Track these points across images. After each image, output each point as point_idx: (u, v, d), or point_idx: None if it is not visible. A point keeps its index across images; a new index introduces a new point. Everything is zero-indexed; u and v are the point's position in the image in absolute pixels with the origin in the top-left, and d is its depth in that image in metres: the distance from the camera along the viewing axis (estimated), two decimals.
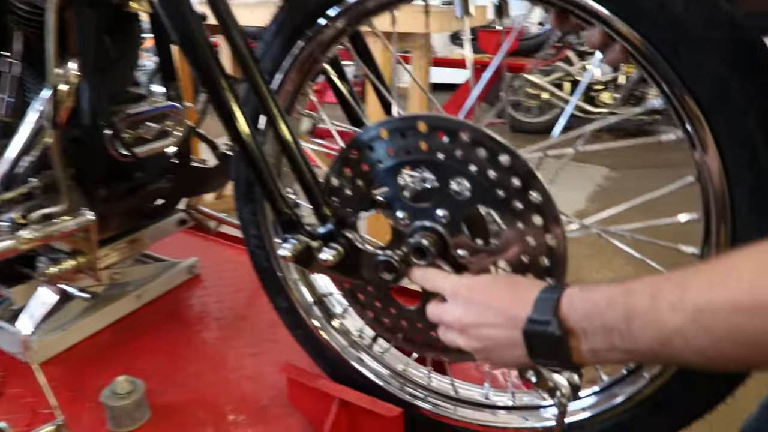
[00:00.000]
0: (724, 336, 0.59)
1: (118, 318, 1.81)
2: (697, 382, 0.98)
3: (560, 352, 0.75)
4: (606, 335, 0.70)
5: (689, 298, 0.62)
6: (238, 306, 1.92)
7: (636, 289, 0.68)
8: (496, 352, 0.84)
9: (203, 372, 1.60)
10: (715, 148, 0.83)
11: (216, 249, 2.29)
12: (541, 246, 0.94)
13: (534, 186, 0.92)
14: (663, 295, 0.64)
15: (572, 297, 0.74)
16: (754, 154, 0.81)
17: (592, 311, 0.71)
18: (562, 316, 0.74)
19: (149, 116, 1.46)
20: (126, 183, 1.53)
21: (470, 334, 0.85)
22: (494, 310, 0.82)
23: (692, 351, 0.63)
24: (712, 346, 0.61)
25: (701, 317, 0.60)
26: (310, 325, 1.37)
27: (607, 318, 0.69)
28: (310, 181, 1.03)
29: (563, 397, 0.94)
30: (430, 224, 1.01)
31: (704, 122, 0.83)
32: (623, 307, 0.68)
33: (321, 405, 1.32)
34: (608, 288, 0.71)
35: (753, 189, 0.83)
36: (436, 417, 1.28)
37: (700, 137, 0.85)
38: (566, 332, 0.73)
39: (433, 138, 0.96)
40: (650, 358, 0.72)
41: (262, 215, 1.30)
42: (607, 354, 0.72)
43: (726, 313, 0.58)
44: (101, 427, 1.40)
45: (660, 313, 0.64)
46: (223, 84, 1.01)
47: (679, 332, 0.62)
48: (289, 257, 1.05)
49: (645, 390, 1.03)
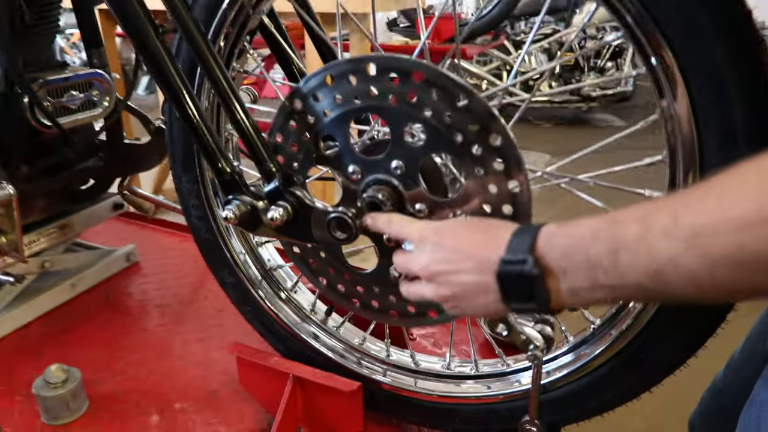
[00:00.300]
0: (723, 260, 0.53)
1: (51, 308, 1.70)
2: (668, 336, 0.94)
3: (537, 293, 0.68)
4: (588, 272, 0.64)
5: (684, 222, 0.55)
6: (182, 292, 1.82)
7: (623, 218, 0.62)
8: (466, 299, 0.77)
9: (146, 360, 1.50)
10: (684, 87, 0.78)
11: (156, 236, 2.18)
12: (504, 193, 0.88)
13: (494, 128, 0.85)
14: (655, 222, 0.58)
15: (550, 234, 0.68)
16: (721, 92, 0.76)
17: (573, 246, 0.65)
18: (538, 254, 0.68)
19: (72, 84, 1.34)
20: (50, 159, 1.41)
21: (438, 281, 0.78)
22: (464, 254, 0.75)
23: (685, 281, 0.57)
24: (708, 273, 0.55)
25: (698, 241, 0.54)
26: (258, 301, 1.29)
27: (591, 252, 0.63)
28: (252, 135, 0.94)
29: (537, 349, 0.90)
30: (384, 177, 0.94)
31: (673, 58, 0.78)
32: (609, 238, 0.61)
33: (274, 385, 1.24)
34: (590, 220, 0.65)
35: (721, 129, 0.79)
36: (396, 390, 1.22)
37: (668, 76, 0.80)
38: (543, 271, 0.67)
39: (384, 82, 0.89)
40: (635, 294, 0.65)
41: (203, 183, 1.20)
42: (588, 293, 0.66)
43: (727, 234, 0.52)
44: (35, 420, 1.30)
45: (652, 241, 0.58)
46: (152, 33, 0.92)
47: (673, 261, 0.56)
48: (232, 219, 0.96)
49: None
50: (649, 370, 0.98)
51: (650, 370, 0.98)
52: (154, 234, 2.20)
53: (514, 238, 0.71)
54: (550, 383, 1.06)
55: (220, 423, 1.30)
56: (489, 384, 1.17)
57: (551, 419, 1.09)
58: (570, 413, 1.08)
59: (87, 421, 1.30)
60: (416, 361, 1.23)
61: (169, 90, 0.95)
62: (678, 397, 2.14)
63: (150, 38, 0.92)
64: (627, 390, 1.01)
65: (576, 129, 6.36)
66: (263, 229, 1.00)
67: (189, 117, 0.96)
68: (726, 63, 0.74)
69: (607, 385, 1.02)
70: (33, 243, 1.56)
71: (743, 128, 0.76)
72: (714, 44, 0.74)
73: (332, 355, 1.26)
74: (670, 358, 0.96)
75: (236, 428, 1.29)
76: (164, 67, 0.94)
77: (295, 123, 0.98)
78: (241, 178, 0.98)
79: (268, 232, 1.00)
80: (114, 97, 1.45)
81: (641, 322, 0.94)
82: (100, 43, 1.43)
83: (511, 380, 1.14)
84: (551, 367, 1.08)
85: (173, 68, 0.94)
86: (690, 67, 0.76)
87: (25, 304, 1.62)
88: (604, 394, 1.03)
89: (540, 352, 0.90)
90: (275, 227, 0.98)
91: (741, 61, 0.74)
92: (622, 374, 1.00)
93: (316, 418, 1.25)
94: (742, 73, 0.74)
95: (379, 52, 0.89)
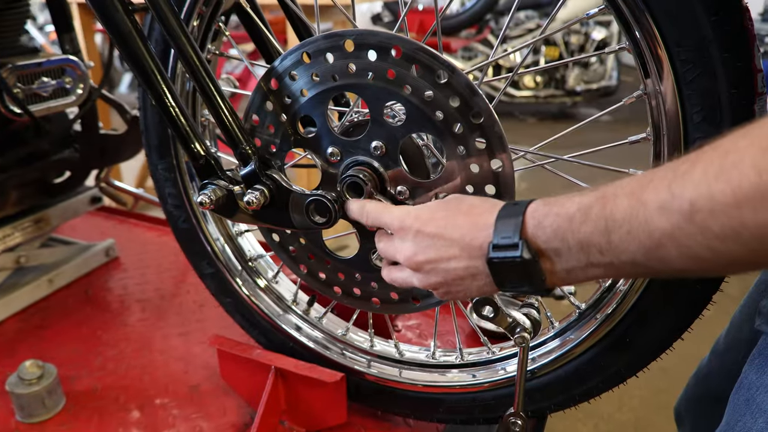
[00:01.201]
0: (723, 234, 0.51)
1: (28, 305, 1.66)
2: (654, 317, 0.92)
3: (532, 277, 0.66)
4: (582, 252, 0.61)
5: (682, 195, 0.52)
6: (163, 287, 1.79)
7: (615, 193, 0.59)
8: (456, 284, 0.74)
9: (125, 355, 1.47)
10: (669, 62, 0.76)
11: (136, 231, 2.15)
12: (486, 172, 0.86)
13: (476, 104, 0.83)
14: (649, 196, 0.55)
15: (538, 214, 0.65)
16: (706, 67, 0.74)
17: (564, 227, 0.62)
18: (529, 237, 0.65)
19: (43, 70, 1.30)
20: (23, 149, 1.37)
21: (426, 270, 0.75)
22: (450, 241, 0.72)
23: (683, 257, 0.54)
24: (707, 247, 0.52)
25: (697, 216, 0.51)
26: (239, 292, 1.26)
27: (583, 232, 0.60)
28: (227, 116, 0.91)
29: (525, 331, 0.87)
30: (364, 158, 0.91)
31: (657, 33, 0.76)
32: (601, 217, 0.59)
33: (256, 377, 1.21)
34: (580, 197, 0.62)
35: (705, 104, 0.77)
36: (381, 381, 1.19)
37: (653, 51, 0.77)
38: (537, 254, 0.65)
39: (362, 58, 0.87)
40: (631, 272, 0.62)
41: (179, 170, 1.17)
42: (584, 272, 0.64)
43: (727, 207, 0.49)
44: (10, 417, 1.26)
45: (647, 217, 0.55)
46: (122, 10, 0.88)
47: (671, 236, 0.54)
48: (208, 204, 0.93)
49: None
50: (635, 354, 0.96)
51: (636, 353, 0.96)
52: (134, 228, 2.16)
53: (499, 221, 0.68)
54: (537, 369, 1.04)
55: (201, 418, 1.27)
56: (474, 372, 1.15)
57: (537, 406, 1.07)
58: (557, 400, 1.06)
59: (64, 418, 1.26)
60: (401, 351, 1.21)
61: (141, 72, 0.92)
62: (665, 389, 2.14)
63: (120, 16, 0.88)
64: (613, 375, 0.99)
65: (561, 124, 6.37)
66: (240, 214, 0.97)
67: (162, 100, 0.93)
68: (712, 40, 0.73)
69: (593, 370, 1.00)
70: (7, 237, 1.52)
71: (728, 103, 0.75)
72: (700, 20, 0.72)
73: (315, 346, 1.23)
74: (656, 340, 0.94)
75: (218, 422, 1.26)
76: (135, 47, 0.90)
77: (272, 104, 0.95)
78: (217, 163, 0.95)
79: (246, 217, 0.97)
80: (88, 85, 1.41)
81: (626, 305, 0.92)
82: (71, 28, 1.39)
83: (497, 368, 1.12)
84: (537, 353, 1.06)
85: (145, 49, 0.91)
86: (675, 42, 0.75)
87: (0, 301, 1.58)
88: (590, 380, 1.01)
89: (527, 334, 0.88)
90: (252, 212, 0.95)
91: (726, 37, 0.72)
92: (608, 359, 0.98)
93: (300, 411, 1.22)
94: (728, 49, 0.73)
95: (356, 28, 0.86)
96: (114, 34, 0.89)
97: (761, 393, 0.74)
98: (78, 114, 1.47)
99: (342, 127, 0.96)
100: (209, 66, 0.95)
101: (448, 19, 6.08)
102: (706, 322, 0.89)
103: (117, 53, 1.11)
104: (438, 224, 0.74)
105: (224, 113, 0.91)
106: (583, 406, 1.05)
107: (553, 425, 1.86)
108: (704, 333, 0.92)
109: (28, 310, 1.65)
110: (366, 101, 0.88)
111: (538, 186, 0.98)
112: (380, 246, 0.84)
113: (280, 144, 0.97)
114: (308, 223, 0.93)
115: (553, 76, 6.38)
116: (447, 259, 0.73)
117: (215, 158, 0.95)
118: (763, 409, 0.73)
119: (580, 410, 1.06)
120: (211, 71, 0.92)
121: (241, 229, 1.28)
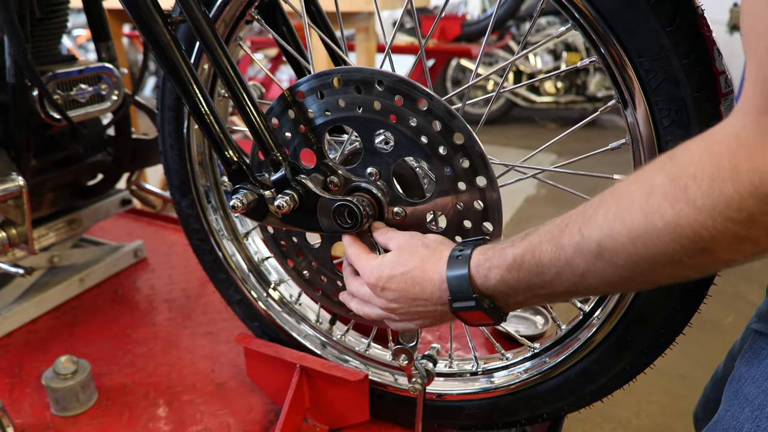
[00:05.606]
0: (627, 265, 0.61)
1: (60, 303, 1.71)
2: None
3: (493, 315, 0.78)
4: (526, 290, 0.73)
5: (590, 237, 0.63)
6: (190, 287, 1.84)
7: (540, 241, 0.70)
8: (428, 320, 0.87)
9: (153, 353, 1.51)
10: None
11: (163, 233, 2.20)
12: (473, 190, 0.91)
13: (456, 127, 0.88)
14: (566, 240, 0.66)
15: (482, 269, 0.76)
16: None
17: (506, 277, 0.74)
18: (480, 289, 0.77)
19: (81, 77, 1.36)
20: (60, 152, 1.43)
21: (399, 314, 0.87)
22: (414, 295, 0.84)
23: (604, 283, 0.66)
24: (618, 276, 0.63)
25: (605, 254, 0.62)
26: (267, 317, 1.32)
27: (522, 278, 0.72)
28: (260, 123, 0.95)
29: (418, 383, 1.06)
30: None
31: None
32: (533, 263, 0.70)
33: (281, 375, 1.25)
34: (512, 247, 0.73)
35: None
36: None
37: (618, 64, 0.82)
38: (491, 299, 0.77)
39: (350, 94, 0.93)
40: (570, 296, 0.73)
41: (200, 207, 1.26)
42: (533, 300, 0.76)
43: (625, 245, 0.60)
44: (45, 411, 1.31)
45: (568, 259, 0.66)
46: (161, 23, 0.93)
47: (589, 271, 0.65)
48: (240, 208, 0.97)
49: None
50: (639, 350, 0.99)
51: (640, 350, 0.99)
52: (161, 230, 2.22)
53: (451, 279, 0.79)
54: (548, 371, 1.07)
55: (228, 414, 1.31)
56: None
57: (553, 408, 1.09)
58: (569, 400, 1.08)
59: (96, 413, 1.31)
60: None
61: (178, 81, 0.96)
62: (684, 395, 2.15)
63: (159, 27, 0.93)
64: (622, 373, 1.02)
65: (582, 130, 6.33)
66: (270, 218, 1.01)
67: (197, 108, 0.97)
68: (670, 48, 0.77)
69: (601, 369, 1.02)
70: (42, 237, 1.57)
71: (693, 106, 0.79)
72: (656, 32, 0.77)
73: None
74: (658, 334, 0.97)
75: (244, 419, 1.30)
76: (173, 57, 0.95)
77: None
78: (249, 168, 0.99)
79: (275, 221, 1.01)
80: (122, 92, 1.47)
81: (626, 301, 0.95)
82: (108, 36, 1.44)
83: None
84: (547, 356, 1.09)
85: (181, 59, 0.95)
86: (637, 54, 0.80)
87: (34, 299, 1.64)
88: (600, 379, 1.03)
89: (419, 386, 1.06)
90: (282, 216, 0.99)
91: (683, 45, 0.77)
92: (615, 357, 1.00)
93: (323, 409, 1.26)
94: (687, 55, 0.77)
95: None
96: (153, 44, 0.94)
97: (748, 384, 0.80)
98: (112, 119, 1.52)
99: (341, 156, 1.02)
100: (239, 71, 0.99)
101: (469, 25, 6.11)
102: (728, 329, 0.91)
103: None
104: (399, 282, 0.84)
105: (257, 121, 0.95)
106: (602, 410, 1.07)
107: (572, 428, 1.89)
108: (725, 340, 0.94)
109: (60, 308, 1.70)
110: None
111: (551, 189, 1.01)
112: (352, 305, 0.96)
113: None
114: (335, 227, 0.97)
115: (573, 82, 6.38)
116: (417, 305, 0.85)
117: (247, 164, 0.99)
118: (749, 399, 0.78)
119: (598, 414, 1.09)
120: (245, 81, 0.96)
121: (262, 256, 1.35)
